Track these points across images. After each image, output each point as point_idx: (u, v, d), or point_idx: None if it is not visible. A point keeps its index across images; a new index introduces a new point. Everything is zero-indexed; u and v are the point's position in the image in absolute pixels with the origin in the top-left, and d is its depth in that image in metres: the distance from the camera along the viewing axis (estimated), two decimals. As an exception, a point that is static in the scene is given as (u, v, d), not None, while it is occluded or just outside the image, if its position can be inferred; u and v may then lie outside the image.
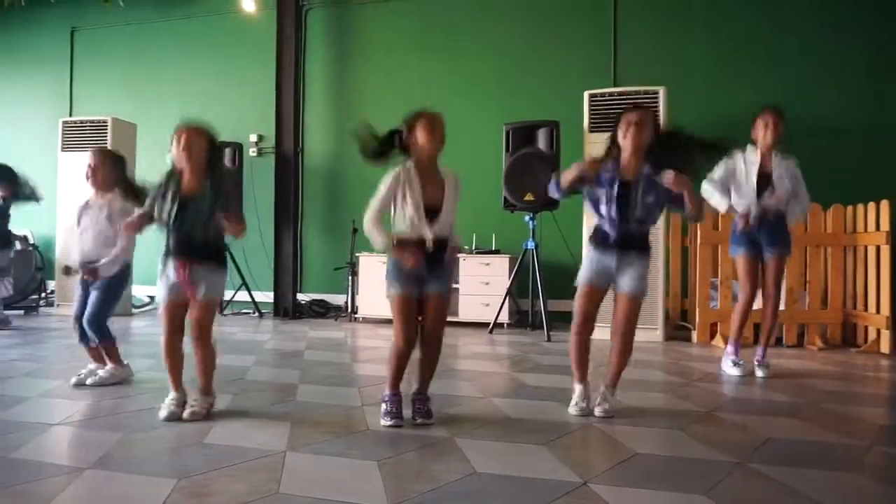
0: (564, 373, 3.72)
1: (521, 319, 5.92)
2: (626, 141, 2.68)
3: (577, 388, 2.84)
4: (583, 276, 2.80)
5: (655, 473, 2.02)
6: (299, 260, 7.04)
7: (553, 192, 2.82)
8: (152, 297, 7.00)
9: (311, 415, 2.70)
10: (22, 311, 6.71)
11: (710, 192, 3.72)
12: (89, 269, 3.23)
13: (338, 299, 6.81)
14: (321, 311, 6.81)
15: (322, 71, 7.21)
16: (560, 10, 6.43)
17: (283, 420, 2.60)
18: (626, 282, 2.72)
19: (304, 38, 7.15)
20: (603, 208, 2.71)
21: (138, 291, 6.98)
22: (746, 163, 3.67)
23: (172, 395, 2.70)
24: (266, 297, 6.85)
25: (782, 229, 3.70)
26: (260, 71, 7.08)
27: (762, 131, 3.64)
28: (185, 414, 2.62)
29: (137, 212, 2.84)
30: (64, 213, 6.61)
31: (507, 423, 2.64)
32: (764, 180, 3.63)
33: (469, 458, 2.14)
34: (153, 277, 3.45)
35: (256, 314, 6.72)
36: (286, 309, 6.71)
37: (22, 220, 6.92)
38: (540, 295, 5.35)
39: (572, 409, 2.77)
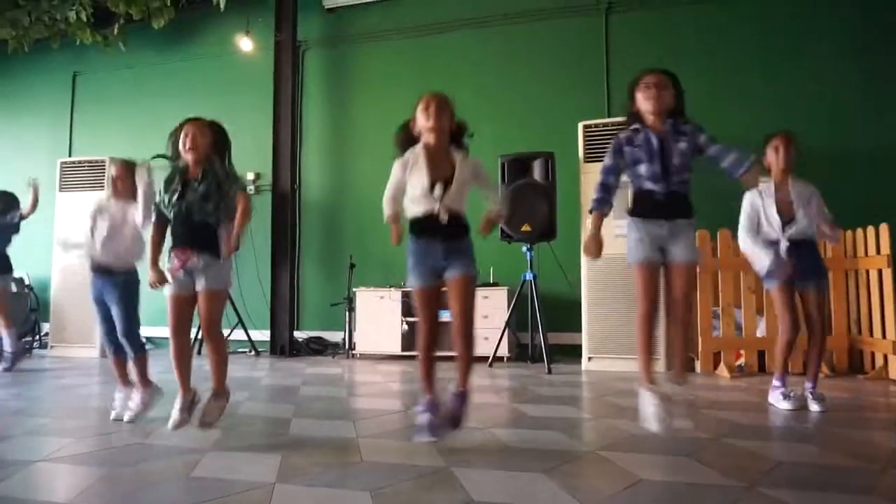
0: (566, 403, 3.64)
1: (521, 353, 5.82)
2: (647, 103, 2.63)
3: (649, 393, 2.50)
4: (635, 254, 2.60)
5: (661, 499, 1.93)
6: (296, 297, 6.97)
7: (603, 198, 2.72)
8: (149, 338, 6.91)
9: (303, 447, 2.61)
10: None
11: (753, 251, 3.38)
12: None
13: (335, 336, 6.72)
14: (319, 348, 6.71)
15: (319, 109, 7.29)
16: (553, 43, 6.52)
17: (274, 452, 2.50)
18: (679, 251, 2.57)
19: (301, 77, 7.25)
20: (644, 168, 2.63)
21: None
22: (764, 197, 3.44)
23: (180, 399, 2.68)
24: (262, 335, 6.75)
25: (814, 258, 3.43)
26: (257, 110, 7.12)
27: (773, 157, 3.46)
28: (197, 424, 2.61)
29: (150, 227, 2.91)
30: (60, 253, 6.59)
31: (507, 451, 2.54)
32: (786, 208, 3.40)
33: (466, 486, 2.05)
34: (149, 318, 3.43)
35: (253, 353, 6.62)
36: (283, 347, 6.62)
37: (18, 262, 6.90)
38: (539, 327, 5.27)
39: (655, 425, 2.44)
